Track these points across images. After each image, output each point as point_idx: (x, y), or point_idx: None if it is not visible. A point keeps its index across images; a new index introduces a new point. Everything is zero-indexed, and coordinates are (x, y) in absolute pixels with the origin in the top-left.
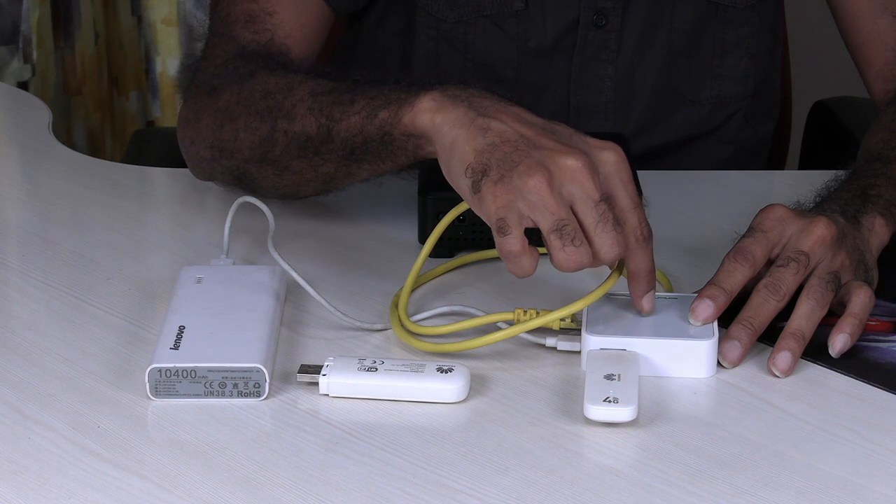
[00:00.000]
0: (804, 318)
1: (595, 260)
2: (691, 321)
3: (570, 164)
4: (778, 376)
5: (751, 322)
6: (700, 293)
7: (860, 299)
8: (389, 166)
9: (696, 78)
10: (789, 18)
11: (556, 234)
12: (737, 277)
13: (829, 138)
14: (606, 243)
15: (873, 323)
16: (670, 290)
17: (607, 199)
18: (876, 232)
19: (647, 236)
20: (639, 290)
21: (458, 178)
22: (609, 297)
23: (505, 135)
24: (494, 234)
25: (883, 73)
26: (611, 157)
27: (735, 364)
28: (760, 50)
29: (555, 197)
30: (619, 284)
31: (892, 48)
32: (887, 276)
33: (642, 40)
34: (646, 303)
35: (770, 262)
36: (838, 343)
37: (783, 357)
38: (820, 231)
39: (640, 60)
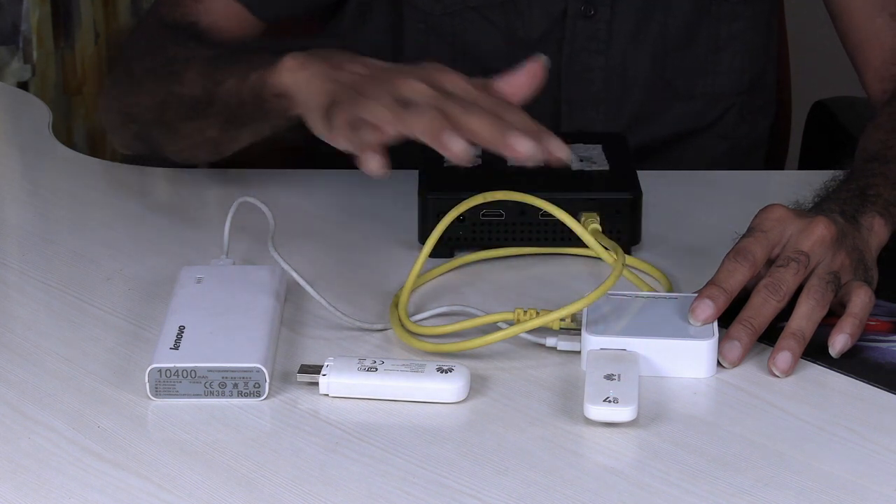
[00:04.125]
0: (804, 318)
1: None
2: (691, 321)
3: (410, 84)
4: (778, 376)
5: (751, 322)
6: (700, 293)
7: (860, 299)
8: (267, 128)
9: (690, 72)
10: (789, 18)
11: (404, 109)
12: (737, 277)
13: (829, 138)
14: (459, 106)
15: (873, 323)
16: (670, 290)
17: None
18: (875, 232)
19: (509, 107)
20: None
21: (314, 124)
22: (609, 297)
23: (354, 78)
24: (351, 140)
25: (880, 73)
26: (453, 76)
27: (735, 364)
28: (755, 44)
29: (399, 104)
30: (620, 284)
31: (889, 47)
32: (887, 276)
33: (635, 33)
34: (519, 143)
35: (770, 262)
36: (838, 343)
37: (783, 357)
38: (820, 231)
39: (632, 53)
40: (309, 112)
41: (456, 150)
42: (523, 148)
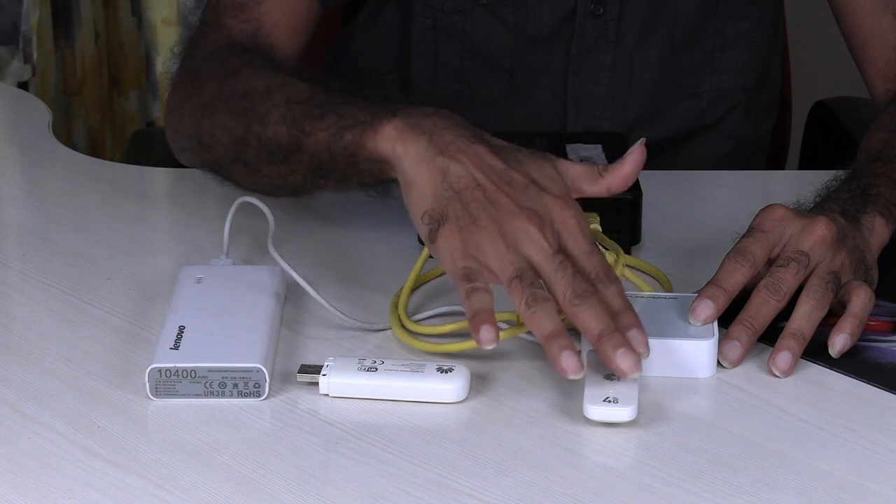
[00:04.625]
0: (804, 318)
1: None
2: (691, 321)
3: (523, 226)
4: (778, 376)
5: (751, 322)
6: (700, 293)
7: (860, 299)
8: (356, 184)
9: (696, 71)
10: (789, 18)
11: (518, 281)
12: (737, 277)
13: (830, 138)
14: (569, 290)
15: (873, 323)
16: (670, 290)
17: (564, 251)
18: (876, 231)
19: (609, 277)
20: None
21: (416, 220)
22: None
23: (462, 182)
24: (459, 284)
25: (884, 72)
26: (566, 215)
27: (735, 364)
28: (761, 44)
29: (510, 251)
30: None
31: (893, 46)
32: (887, 276)
33: (643, 32)
34: (623, 361)
35: (770, 262)
36: (838, 343)
37: (783, 357)
38: (820, 231)
39: (640, 52)
40: (412, 207)
41: (565, 366)
42: (628, 369)
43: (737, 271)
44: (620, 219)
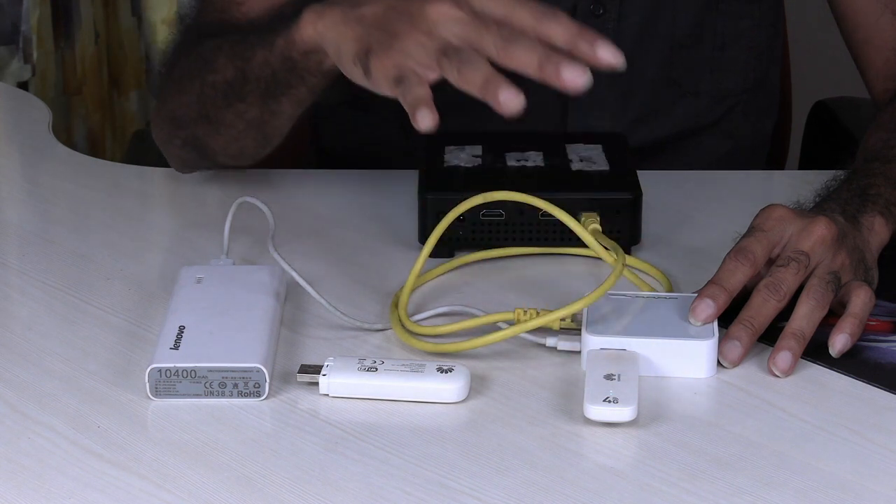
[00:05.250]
0: (804, 318)
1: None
2: (691, 321)
3: (437, 9)
4: (778, 376)
5: (751, 322)
6: (700, 293)
7: (860, 299)
8: (306, 92)
9: (695, 70)
10: (789, 18)
11: (444, 58)
12: (737, 277)
13: (830, 138)
14: (496, 39)
15: (873, 323)
16: (670, 290)
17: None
18: (876, 231)
19: (547, 13)
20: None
21: (351, 72)
22: (609, 297)
23: (377, 15)
24: (395, 92)
25: (883, 72)
26: None
27: (735, 364)
28: (761, 43)
29: (432, 39)
30: (620, 284)
31: (892, 46)
32: (887, 276)
33: (643, 31)
34: (567, 74)
35: (770, 262)
36: (838, 343)
37: (783, 357)
38: (820, 231)
39: (640, 52)
40: (343, 62)
41: (510, 107)
42: (577, 81)
43: (737, 270)
44: (620, 219)
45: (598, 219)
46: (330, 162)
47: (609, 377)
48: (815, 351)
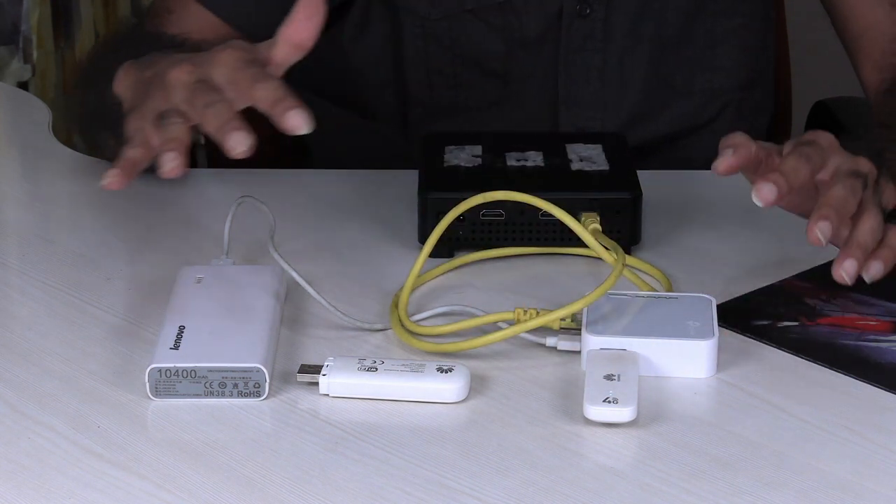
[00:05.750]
0: (868, 233)
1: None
2: (754, 198)
3: (175, 74)
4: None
5: (785, 177)
6: (762, 178)
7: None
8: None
9: (688, 69)
10: (789, 18)
11: (161, 122)
12: (801, 174)
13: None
14: (196, 100)
15: (873, 323)
16: (670, 290)
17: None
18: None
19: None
20: None
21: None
22: (609, 297)
23: (152, 76)
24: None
25: (879, 64)
26: (216, 52)
27: (768, 202)
28: (752, 41)
29: (170, 103)
30: (620, 284)
31: (888, 38)
32: (887, 276)
33: (631, 31)
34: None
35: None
36: (872, 268)
37: (850, 263)
38: (867, 165)
39: (630, 52)
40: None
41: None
42: (239, 147)
43: (801, 168)
44: (620, 219)
45: (598, 219)
46: (329, 162)
47: (609, 377)
48: (816, 351)
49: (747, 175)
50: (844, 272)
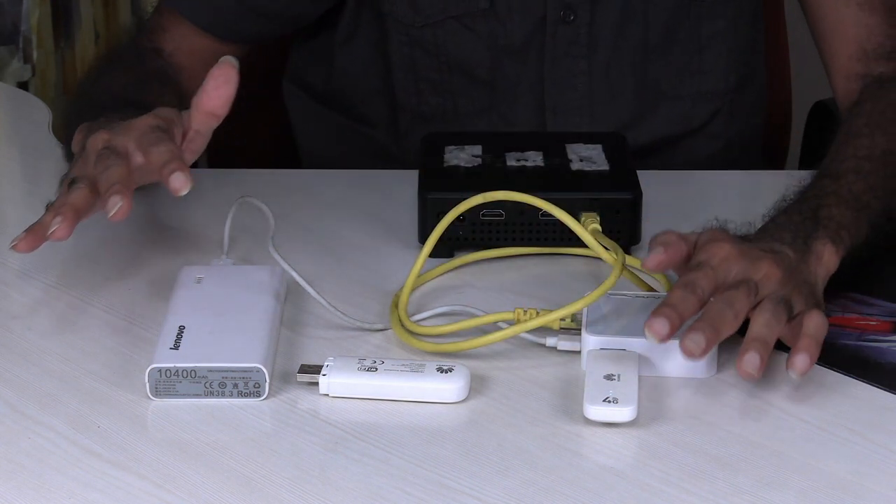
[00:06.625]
0: (763, 325)
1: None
2: (647, 336)
3: (92, 144)
4: (752, 374)
5: (712, 325)
6: (654, 312)
7: (813, 322)
8: None
9: (675, 74)
10: (789, 18)
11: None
12: (687, 306)
13: (830, 138)
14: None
15: (873, 323)
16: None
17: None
18: (824, 262)
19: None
20: None
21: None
22: (609, 297)
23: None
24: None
25: (845, 69)
26: (120, 134)
27: (697, 358)
28: (740, 43)
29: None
30: (619, 284)
31: (854, 41)
32: (887, 276)
33: (616, 36)
34: None
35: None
36: (798, 362)
37: (750, 358)
38: (766, 268)
39: (615, 57)
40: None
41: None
42: (111, 210)
43: (687, 300)
44: (620, 219)
45: (598, 219)
46: (329, 161)
47: (609, 377)
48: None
49: (677, 272)
50: (748, 367)
